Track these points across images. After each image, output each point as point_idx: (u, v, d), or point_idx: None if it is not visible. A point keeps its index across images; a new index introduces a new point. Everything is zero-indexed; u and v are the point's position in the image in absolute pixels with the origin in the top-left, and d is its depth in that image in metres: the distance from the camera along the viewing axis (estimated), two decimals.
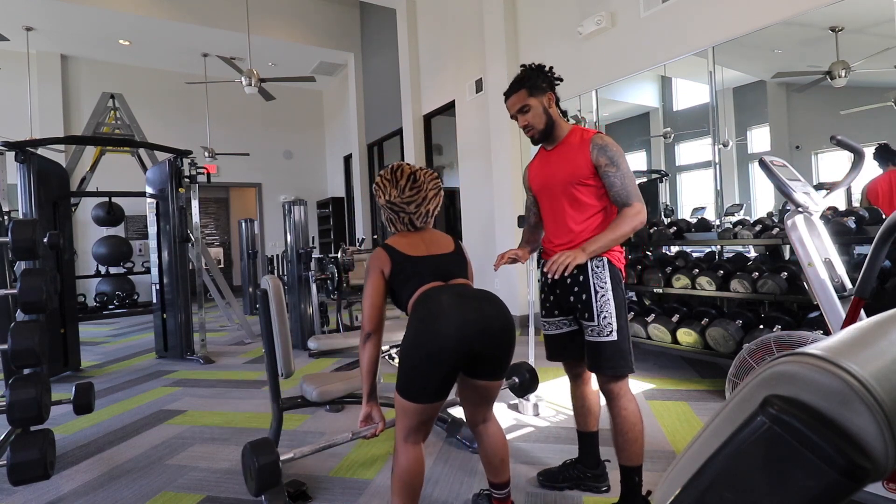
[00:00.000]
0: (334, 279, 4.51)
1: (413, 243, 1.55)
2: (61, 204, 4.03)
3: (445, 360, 1.31)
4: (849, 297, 1.71)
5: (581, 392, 1.87)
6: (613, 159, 1.60)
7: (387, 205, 1.55)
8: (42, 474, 1.76)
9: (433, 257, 1.53)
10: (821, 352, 0.35)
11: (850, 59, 3.16)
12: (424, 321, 1.35)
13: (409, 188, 1.54)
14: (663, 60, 3.77)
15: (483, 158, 5.50)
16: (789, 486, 0.33)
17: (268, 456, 1.45)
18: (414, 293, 1.48)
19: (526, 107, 1.70)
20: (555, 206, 1.74)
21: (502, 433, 1.60)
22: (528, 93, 1.69)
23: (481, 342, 1.34)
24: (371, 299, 1.50)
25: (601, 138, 1.63)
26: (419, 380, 1.35)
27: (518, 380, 2.14)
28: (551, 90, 1.72)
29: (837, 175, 3.39)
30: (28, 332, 1.85)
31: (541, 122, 1.70)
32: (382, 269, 1.51)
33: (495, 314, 1.38)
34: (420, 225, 1.58)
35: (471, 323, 1.32)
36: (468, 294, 1.42)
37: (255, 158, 9.38)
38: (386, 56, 7.65)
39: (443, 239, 1.61)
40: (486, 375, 1.45)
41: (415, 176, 1.56)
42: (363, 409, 1.55)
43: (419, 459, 1.44)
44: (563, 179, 1.68)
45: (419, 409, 1.37)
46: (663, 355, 3.51)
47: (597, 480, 1.86)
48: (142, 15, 6.77)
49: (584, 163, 1.63)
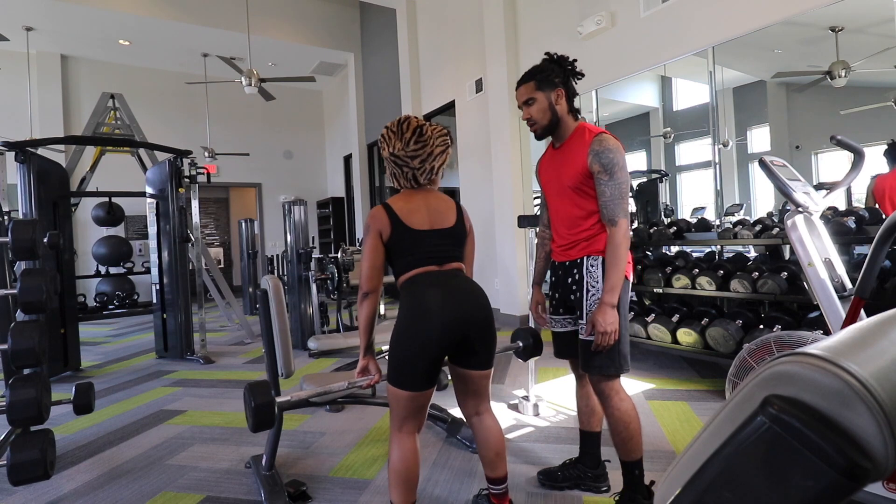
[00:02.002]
0: (334, 279, 4.51)
1: (415, 209, 1.50)
2: (61, 204, 4.03)
3: (430, 349, 1.40)
4: (849, 297, 1.71)
5: (585, 391, 1.86)
6: (607, 167, 1.54)
7: (390, 157, 1.50)
8: (42, 474, 1.76)
9: (433, 233, 1.50)
10: (821, 352, 0.35)
11: (850, 59, 3.16)
12: (410, 314, 1.43)
13: (414, 142, 1.48)
14: (663, 60, 3.77)
15: (483, 158, 5.50)
16: (789, 485, 0.33)
17: (264, 397, 1.57)
18: (407, 270, 1.49)
19: (531, 100, 1.66)
20: (557, 206, 1.72)
21: (498, 426, 1.60)
22: (536, 85, 1.65)
23: (463, 333, 1.43)
24: (370, 260, 1.49)
25: (600, 142, 1.56)
26: (407, 368, 1.42)
27: (522, 343, 2.13)
28: (564, 86, 1.65)
29: (837, 175, 3.39)
30: (28, 332, 1.85)
31: (544, 117, 1.66)
32: (381, 231, 1.48)
33: (476, 308, 1.46)
34: (424, 181, 1.53)
35: (453, 318, 1.40)
36: (453, 287, 1.46)
37: (255, 158, 9.38)
38: (386, 56, 7.65)
39: (446, 207, 1.56)
40: (472, 365, 1.51)
41: (421, 130, 1.50)
42: (360, 362, 1.58)
43: (414, 450, 1.46)
44: (564, 181, 1.65)
45: (410, 396, 1.43)
46: (663, 355, 3.51)
47: (597, 480, 1.85)
48: (142, 15, 6.76)
49: (582, 167, 1.59)
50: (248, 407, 1.57)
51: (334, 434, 2.51)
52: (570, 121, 1.68)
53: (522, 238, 4.94)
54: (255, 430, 1.58)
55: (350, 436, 2.49)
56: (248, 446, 2.41)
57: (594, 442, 1.88)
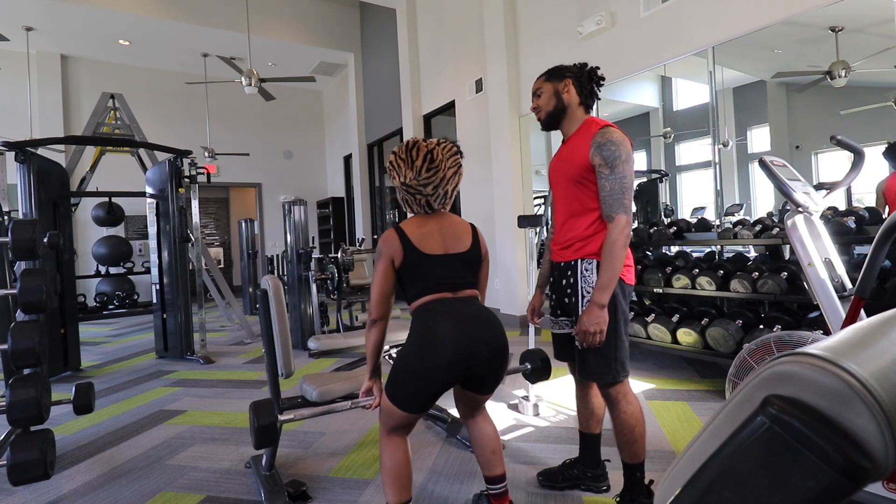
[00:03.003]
0: (334, 279, 4.51)
1: (428, 234, 1.47)
2: (61, 204, 4.03)
3: (435, 381, 1.38)
4: (849, 297, 1.71)
5: (585, 394, 1.85)
6: (608, 159, 1.49)
7: (402, 187, 1.46)
8: (42, 474, 1.76)
9: (447, 258, 1.47)
10: (821, 352, 0.35)
11: (850, 59, 3.16)
12: (421, 341, 1.40)
13: (425, 169, 1.43)
14: (663, 60, 3.77)
15: (483, 158, 5.50)
16: (789, 485, 0.33)
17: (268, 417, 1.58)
18: (420, 296, 1.46)
19: (539, 90, 1.69)
20: (558, 202, 1.69)
21: (492, 425, 1.60)
22: (545, 77, 1.69)
23: (473, 366, 1.39)
24: (380, 287, 1.46)
25: (603, 134, 1.52)
26: (408, 392, 1.41)
27: (530, 366, 2.12)
28: (574, 78, 1.64)
29: (837, 175, 3.39)
30: (28, 332, 1.85)
31: (549, 104, 1.65)
32: (393, 258, 1.45)
33: (490, 339, 1.42)
34: (438, 207, 1.50)
35: (465, 350, 1.37)
36: (468, 316, 1.42)
37: (255, 158, 9.38)
38: (386, 56, 7.65)
39: (461, 230, 1.52)
40: (476, 390, 1.51)
41: (432, 155, 1.44)
42: (365, 383, 1.58)
43: (404, 450, 1.47)
44: (567, 175, 1.61)
45: (403, 415, 1.43)
46: (663, 355, 3.51)
47: (597, 480, 1.85)
48: (142, 15, 6.76)
49: (584, 160, 1.54)
50: (253, 427, 1.58)
51: (334, 434, 2.51)
52: (579, 113, 1.66)
53: (522, 238, 4.94)
54: (259, 448, 1.58)
55: (350, 436, 2.49)
56: (248, 446, 2.41)
57: (594, 443, 1.87)
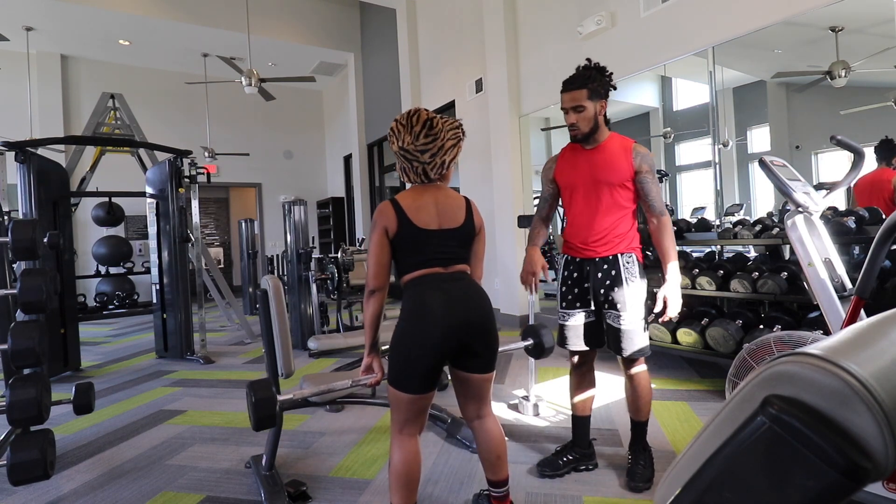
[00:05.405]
0: (334, 279, 4.51)
1: (424, 206, 1.47)
2: (61, 204, 4.03)
3: (430, 353, 1.39)
4: (849, 297, 1.71)
5: (587, 379, 2.01)
6: (652, 168, 1.81)
7: (399, 152, 1.47)
8: (42, 474, 1.76)
9: (441, 233, 1.47)
10: (821, 352, 0.35)
11: (850, 59, 3.16)
12: (412, 316, 1.42)
13: (423, 135, 1.44)
14: (663, 60, 3.77)
15: (483, 158, 5.50)
16: (789, 485, 0.33)
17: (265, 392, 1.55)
18: (412, 271, 1.47)
19: (581, 107, 1.78)
20: (591, 203, 1.85)
21: (500, 430, 1.59)
22: (588, 94, 1.77)
23: (464, 338, 1.43)
24: (376, 257, 1.46)
25: (637, 147, 1.82)
26: (408, 371, 1.41)
27: (533, 341, 2.10)
28: (605, 98, 1.82)
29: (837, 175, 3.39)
30: (28, 332, 1.85)
31: (588, 125, 1.80)
32: (387, 228, 1.45)
33: (478, 314, 1.46)
34: (434, 176, 1.50)
35: (454, 323, 1.40)
36: (456, 292, 1.45)
37: (255, 158, 9.37)
38: (386, 56, 7.65)
39: (456, 205, 1.52)
40: (473, 368, 1.50)
41: (431, 123, 1.45)
42: (364, 359, 1.58)
43: (415, 452, 1.45)
44: (605, 180, 1.81)
45: (410, 399, 1.43)
46: (663, 355, 3.51)
47: (588, 459, 2.03)
48: (142, 15, 6.76)
49: (627, 167, 1.79)
50: (250, 403, 1.55)
51: (334, 434, 2.51)
52: (605, 127, 1.86)
53: (522, 238, 4.94)
54: (258, 427, 1.53)
55: (350, 436, 2.49)
56: (248, 446, 2.41)
57: (587, 425, 2.04)
